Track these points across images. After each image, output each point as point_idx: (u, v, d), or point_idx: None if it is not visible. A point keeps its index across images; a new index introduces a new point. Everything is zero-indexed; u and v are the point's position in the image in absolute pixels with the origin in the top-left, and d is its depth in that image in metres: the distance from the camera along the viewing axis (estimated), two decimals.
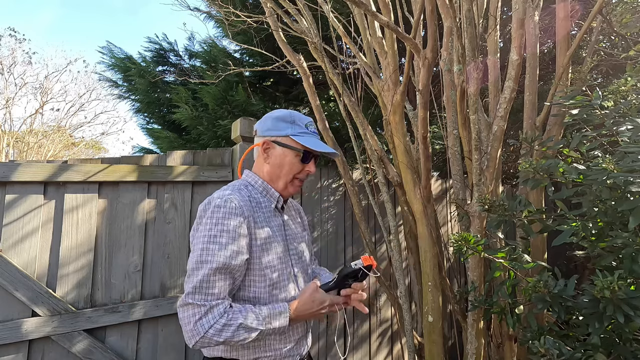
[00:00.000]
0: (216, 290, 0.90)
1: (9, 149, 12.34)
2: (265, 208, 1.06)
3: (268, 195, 1.09)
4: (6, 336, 1.40)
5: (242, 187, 1.06)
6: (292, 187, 1.11)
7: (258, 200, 1.06)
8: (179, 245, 1.85)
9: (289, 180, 1.09)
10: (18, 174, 1.49)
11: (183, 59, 4.07)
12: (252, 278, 0.99)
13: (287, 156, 1.07)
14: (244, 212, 0.97)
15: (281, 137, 1.07)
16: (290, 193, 1.12)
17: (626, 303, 0.83)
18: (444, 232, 3.14)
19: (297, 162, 1.07)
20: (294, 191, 1.12)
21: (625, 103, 1.25)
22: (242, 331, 0.89)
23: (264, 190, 1.09)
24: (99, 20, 61.53)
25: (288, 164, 1.07)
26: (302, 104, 3.52)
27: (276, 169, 1.08)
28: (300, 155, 1.07)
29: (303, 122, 1.10)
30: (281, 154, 1.07)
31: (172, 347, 1.76)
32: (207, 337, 0.87)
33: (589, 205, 1.08)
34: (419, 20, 1.66)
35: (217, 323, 0.88)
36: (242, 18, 2.35)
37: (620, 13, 2.28)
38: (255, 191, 1.08)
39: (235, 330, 0.89)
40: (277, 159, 1.08)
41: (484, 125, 1.83)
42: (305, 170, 1.10)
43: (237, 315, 0.90)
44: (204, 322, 0.87)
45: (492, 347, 1.92)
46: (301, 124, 1.09)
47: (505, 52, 3.16)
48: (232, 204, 0.95)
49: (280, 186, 1.09)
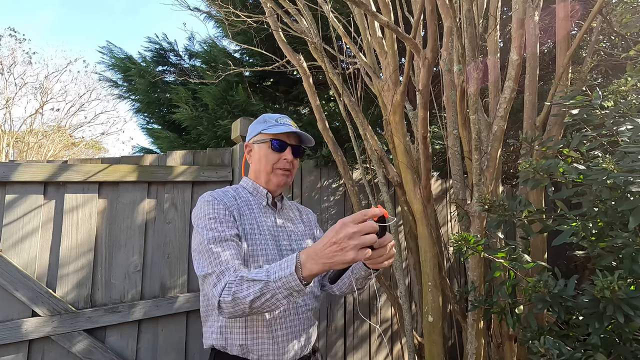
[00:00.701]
0: (222, 258, 0.92)
1: (9, 149, 12.33)
2: (254, 206, 1.11)
3: (258, 194, 1.16)
4: (6, 336, 1.40)
5: (230, 189, 1.14)
6: (275, 178, 1.14)
7: (247, 199, 1.12)
8: (179, 245, 1.85)
9: (269, 171, 1.14)
10: (18, 174, 1.49)
11: (183, 59, 4.08)
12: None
13: (262, 149, 1.15)
14: (227, 204, 1.04)
15: (255, 136, 1.17)
16: (275, 184, 1.15)
17: (626, 303, 0.83)
18: (444, 232, 3.14)
19: (270, 152, 1.13)
20: (277, 181, 1.15)
21: (625, 103, 1.25)
22: (246, 285, 0.82)
23: (254, 189, 1.16)
24: (99, 21, 61.61)
25: (264, 156, 1.14)
26: (302, 104, 3.52)
27: (257, 165, 1.16)
28: (270, 144, 1.13)
29: (273, 118, 1.17)
30: (257, 149, 1.16)
31: (172, 347, 1.76)
32: (222, 300, 0.86)
33: (589, 205, 1.08)
34: (419, 20, 1.66)
35: (228, 283, 0.87)
36: (242, 18, 2.35)
37: (620, 13, 2.28)
38: (245, 191, 1.16)
39: (239, 283, 0.84)
40: (256, 156, 1.17)
41: (484, 125, 1.83)
42: (283, 159, 1.14)
43: (242, 272, 0.88)
44: (218, 287, 0.88)
45: (492, 347, 1.92)
46: (271, 120, 1.16)
47: (505, 52, 3.16)
48: (215, 199, 1.04)
49: (263, 179, 1.15)
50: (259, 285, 0.80)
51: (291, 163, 1.15)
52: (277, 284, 0.79)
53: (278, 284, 0.78)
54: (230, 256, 0.94)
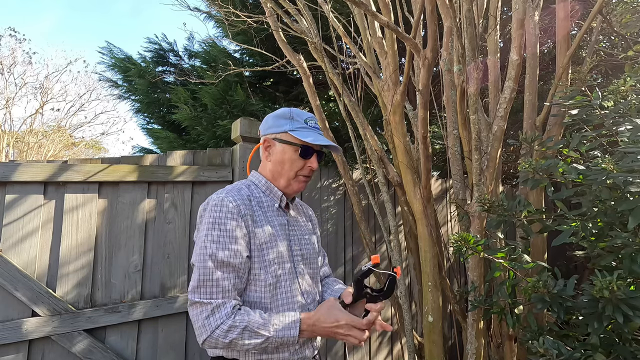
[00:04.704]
0: (220, 287, 0.90)
1: (9, 149, 12.33)
2: (267, 207, 1.05)
3: (271, 194, 1.08)
4: (6, 336, 1.40)
5: (244, 187, 1.06)
6: (296, 184, 1.08)
7: (260, 199, 1.05)
8: (179, 245, 1.85)
9: (292, 177, 1.07)
10: (18, 174, 1.49)
11: (183, 59, 4.08)
12: (252, 278, 0.98)
13: (286, 152, 1.06)
14: (241, 211, 0.97)
15: (280, 134, 1.06)
16: (294, 190, 1.10)
17: (625, 303, 0.83)
18: (444, 232, 3.14)
19: (297, 157, 1.05)
20: (297, 188, 1.09)
21: (625, 103, 1.25)
22: (247, 334, 0.88)
23: (267, 189, 1.09)
24: (101, 21, 61.59)
25: (288, 161, 1.06)
26: (302, 104, 3.52)
27: (277, 166, 1.07)
28: (299, 150, 1.05)
29: (302, 117, 1.08)
30: (281, 150, 1.06)
31: (172, 347, 1.76)
32: (214, 336, 0.87)
33: (588, 205, 1.08)
34: (419, 20, 1.66)
35: (224, 324, 0.87)
36: (242, 18, 2.35)
37: (620, 13, 2.28)
38: (257, 190, 1.08)
39: (241, 333, 0.87)
40: (278, 156, 1.06)
41: (484, 125, 1.83)
42: (307, 166, 1.07)
43: (244, 318, 0.89)
44: (212, 321, 0.87)
45: (492, 347, 1.92)
46: (300, 119, 1.07)
47: (505, 52, 3.16)
48: (229, 205, 0.96)
49: (283, 184, 1.08)
50: (260, 339, 0.89)
51: (312, 170, 1.10)
52: (277, 340, 0.90)
53: (277, 340, 0.90)
54: (229, 286, 0.91)
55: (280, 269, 1.00)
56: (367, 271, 0.98)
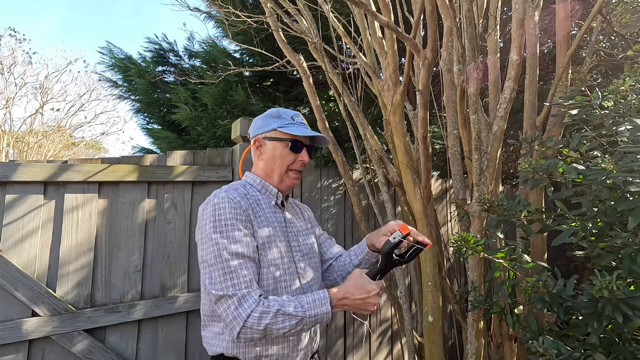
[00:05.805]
0: (241, 278, 0.90)
1: (9, 149, 12.33)
2: (264, 205, 1.07)
3: (267, 192, 1.11)
4: (6, 336, 1.40)
5: (239, 187, 1.08)
6: (288, 179, 1.11)
7: (256, 198, 1.07)
8: (179, 245, 1.85)
9: (283, 172, 1.09)
10: (18, 174, 1.49)
11: (183, 59, 4.08)
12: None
13: (277, 149, 1.09)
14: (242, 205, 0.98)
15: (269, 132, 1.10)
16: (287, 186, 1.12)
17: (625, 303, 0.83)
18: (444, 232, 3.14)
19: (288, 152, 1.08)
20: (290, 183, 1.12)
21: (625, 103, 1.25)
22: (281, 318, 0.87)
23: (262, 188, 1.11)
24: (102, 23, 61.57)
25: (280, 156, 1.09)
26: (302, 104, 3.52)
27: (269, 163, 1.10)
28: (289, 144, 1.08)
29: (289, 115, 1.12)
30: (272, 147, 1.09)
31: (172, 347, 1.76)
32: (247, 326, 0.86)
33: (588, 205, 1.08)
34: (419, 20, 1.66)
35: (255, 311, 0.86)
36: (242, 18, 2.36)
37: (620, 13, 2.28)
38: (253, 189, 1.10)
39: (274, 316, 0.86)
40: (269, 154, 1.10)
41: (484, 125, 1.83)
42: (299, 160, 1.10)
43: (274, 303, 0.88)
44: (241, 312, 0.87)
45: (492, 347, 1.92)
46: (287, 116, 1.11)
47: (505, 52, 3.16)
48: (232, 200, 0.97)
49: (276, 180, 1.10)
50: (294, 320, 0.88)
51: (304, 164, 1.12)
52: (312, 319, 0.89)
53: (312, 319, 0.89)
54: (249, 275, 0.91)
55: (281, 267, 1.01)
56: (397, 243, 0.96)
